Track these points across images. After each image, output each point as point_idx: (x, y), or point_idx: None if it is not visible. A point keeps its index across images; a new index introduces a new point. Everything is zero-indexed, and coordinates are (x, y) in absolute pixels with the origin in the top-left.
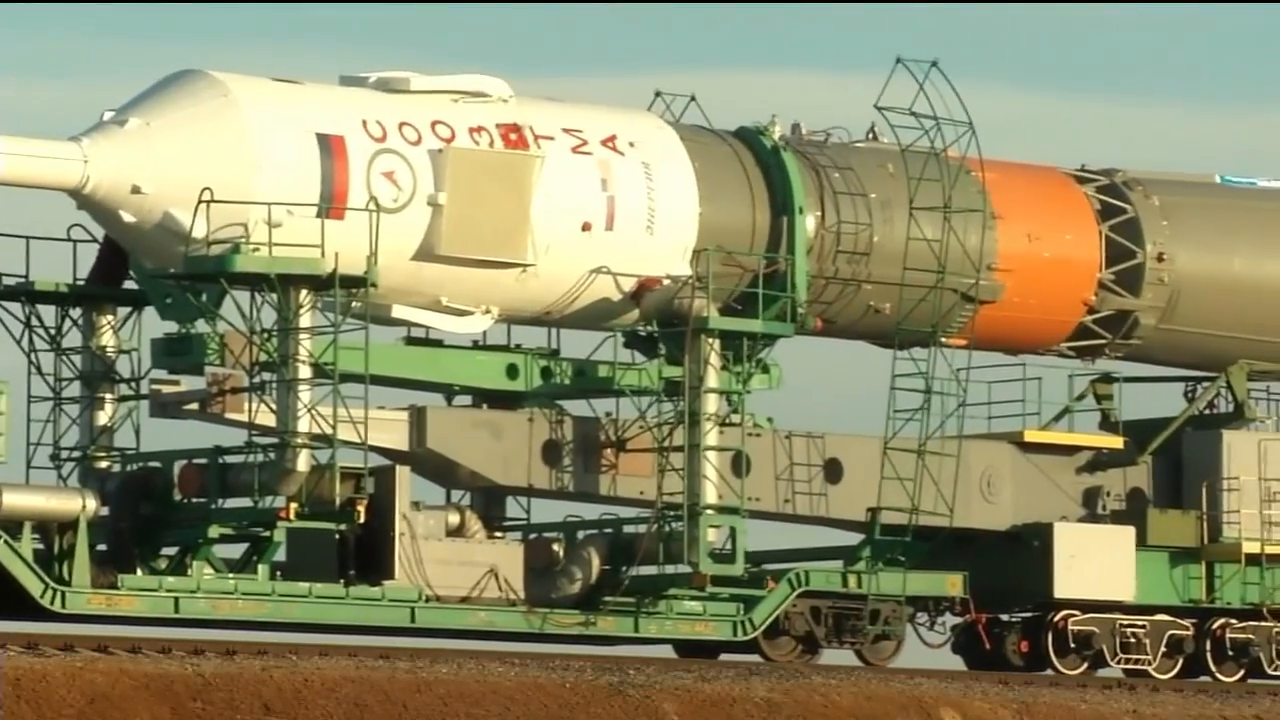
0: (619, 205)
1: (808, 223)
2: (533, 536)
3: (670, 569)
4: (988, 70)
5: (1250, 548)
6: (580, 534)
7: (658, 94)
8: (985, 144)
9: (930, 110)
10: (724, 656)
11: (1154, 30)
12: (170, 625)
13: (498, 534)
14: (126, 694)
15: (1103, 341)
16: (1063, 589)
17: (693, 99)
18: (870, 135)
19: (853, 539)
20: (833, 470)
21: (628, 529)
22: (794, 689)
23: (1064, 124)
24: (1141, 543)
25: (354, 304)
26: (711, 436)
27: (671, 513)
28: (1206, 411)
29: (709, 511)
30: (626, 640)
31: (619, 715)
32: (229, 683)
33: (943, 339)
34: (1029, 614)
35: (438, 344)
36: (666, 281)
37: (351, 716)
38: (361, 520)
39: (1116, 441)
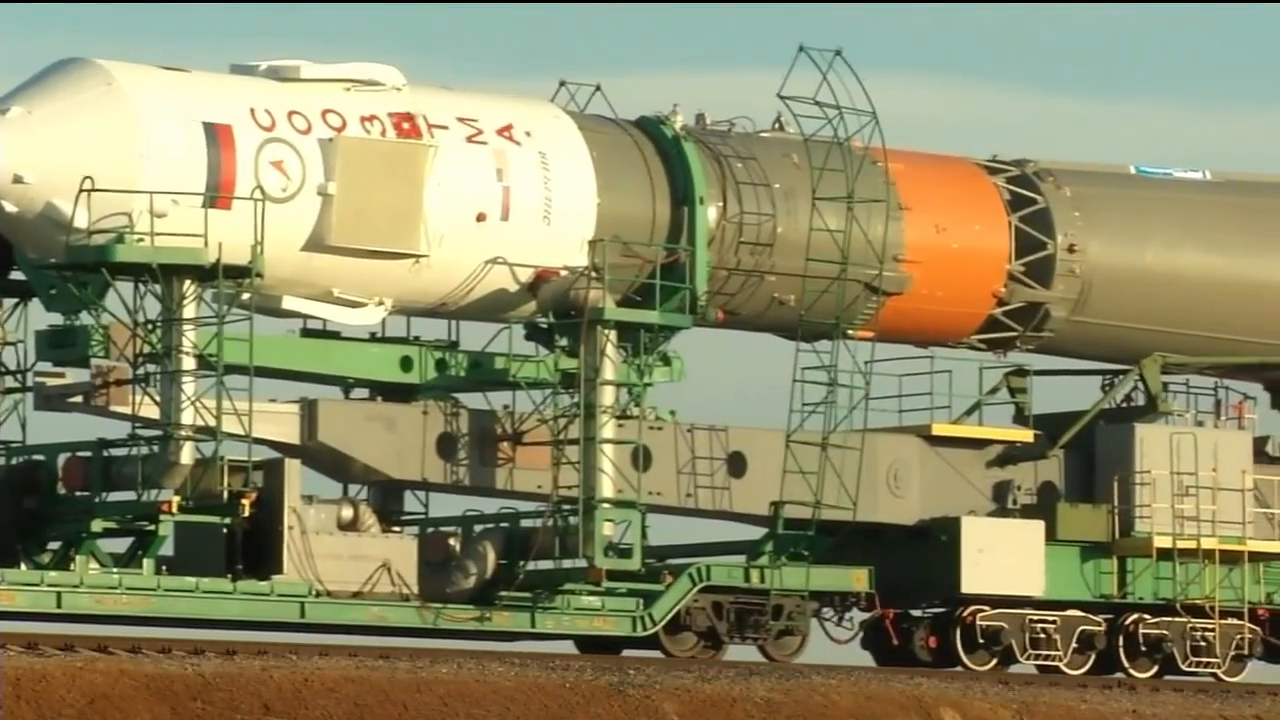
0: (514, 195)
1: (709, 213)
2: (429, 531)
3: (567, 564)
4: (942, 64)
5: (1162, 542)
6: (477, 528)
7: (562, 83)
8: (929, 140)
9: (834, 100)
10: (626, 653)
11: (1094, 24)
12: (56, 620)
13: (395, 529)
14: (126, 694)
15: (1013, 334)
16: (970, 584)
17: (598, 88)
18: (776, 125)
19: (758, 533)
20: (736, 464)
21: (525, 523)
22: (794, 689)
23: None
24: (1052, 537)
25: (244, 295)
26: (608, 429)
27: (567, 506)
28: (1125, 405)
29: (605, 505)
30: (523, 636)
31: (619, 715)
32: (229, 683)
33: (849, 331)
34: (939, 609)
35: (335, 336)
36: (564, 273)
37: (351, 716)
38: (246, 514)
39: (1027, 435)
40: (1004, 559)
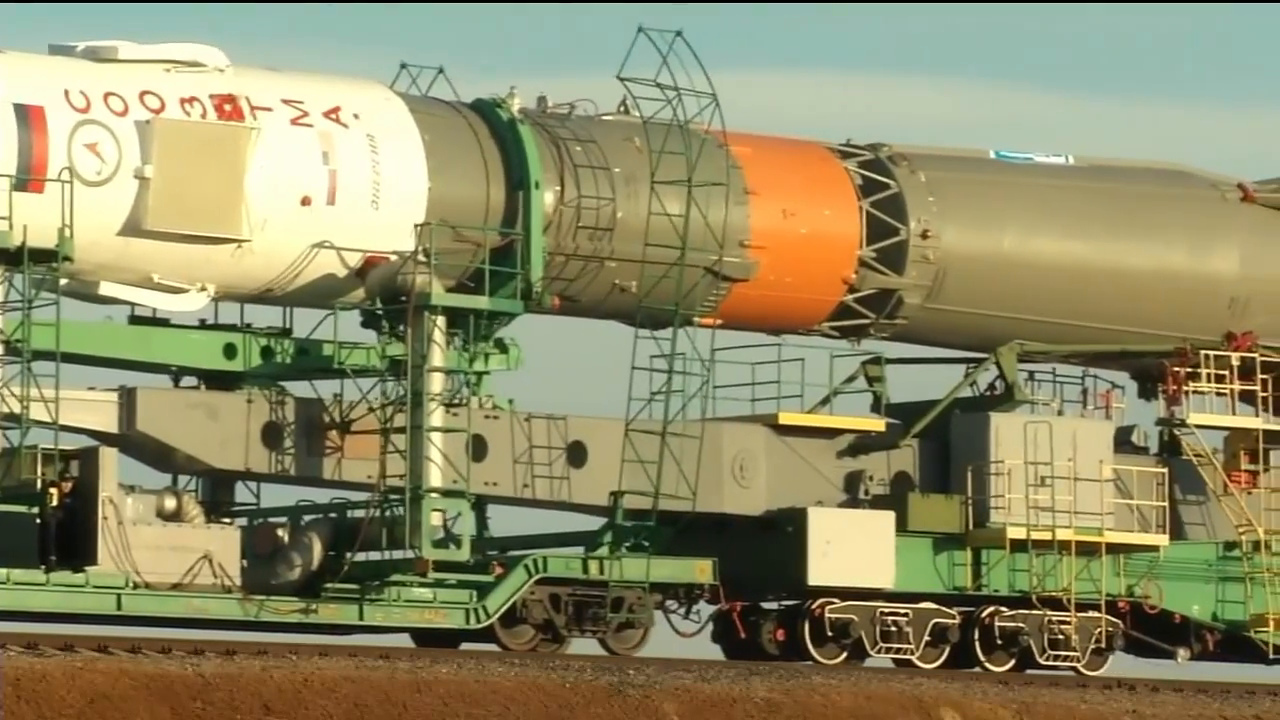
0: (341, 179)
1: (546, 198)
2: (258, 522)
3: (398, 554)
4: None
5: (1016, 533)
6: (305, 519)
7: (403, 66)
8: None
9: (674, 82)
10: (465, 645)
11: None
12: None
13: (225, 519)
14: (126, 694)
15: (866, 321)
16: (817, 576)
17: (440, 71)
18: (621, 109)
19: (601, 524)
20: (576, 454)
21: (353, 514)
22: (794, 689)
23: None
24: (903, 528)
25: (62, 280)
26: (436, 418)
27: (395, 497)
28: (988, 394)
29: (433, 496)
30: (352, 629)
31: (619, 715)
32: (229, 683)
33: (695, 318)
34: (791, 602)
35: (164, 323)
36: (394, 258)
37: (351, 716)
38: (57, 504)
39: (878, 424)
40: (853, 550)
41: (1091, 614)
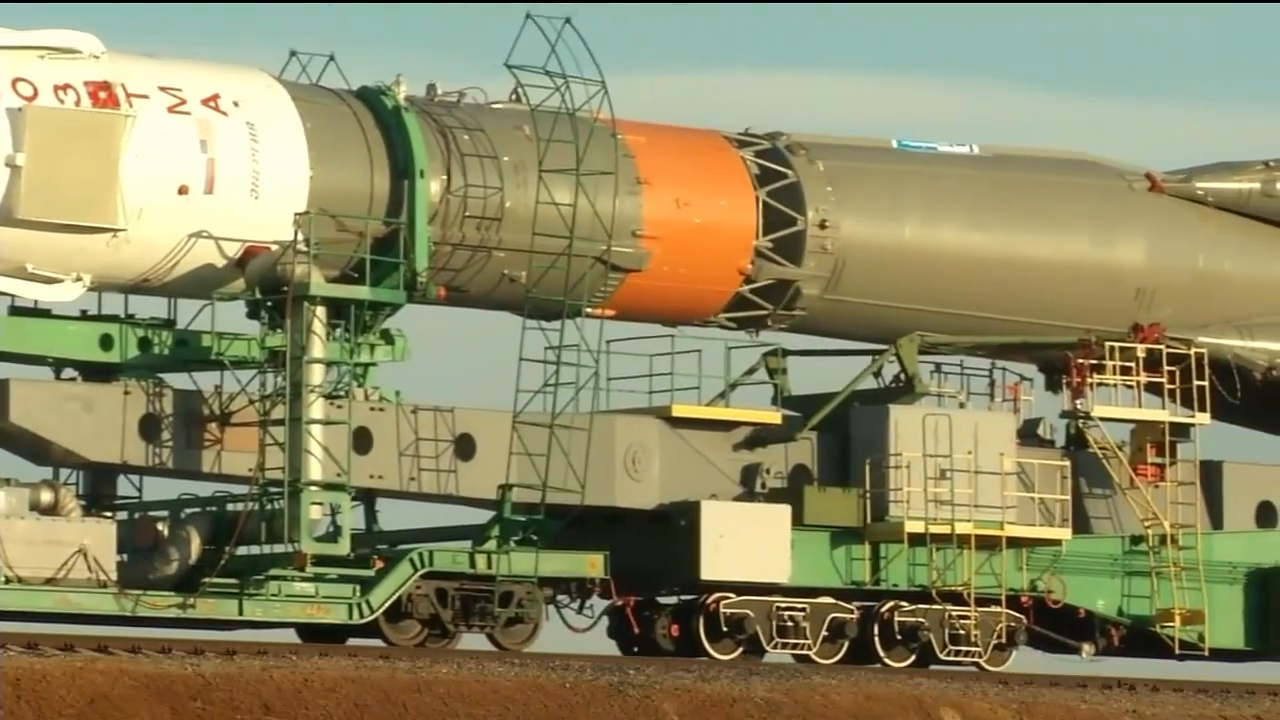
0: (220, 168)
1: (431, 187)
2: (138, 516)
3: (280, 549)
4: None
5: (914, 527)
6: (185, 513)
7: (293, 54)
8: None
9: (561, 69)
10: (352, 641)
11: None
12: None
13: (105, 513)
14: (126, 694)
15: (764, 312)
16: (710, 570)
17: (331, 59)
18: (514, 97)
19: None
20: (464, 446)
21: (232, 507)
22: (794, 689)
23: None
24: (799, 522)
25: None
26: (316, 409)
27: (274, 489)
28: (894, 385)
29: (312, 488)
30: (232, 624)
31: (619, 715)
32: (229, 683)
33: (588, 309)
34: (688, 597)
35: (45, 314)
36: (274, 248)
37: (351, 716)
38: None
39: (774, 416)
40: (747, 544)
41: (993, 609)
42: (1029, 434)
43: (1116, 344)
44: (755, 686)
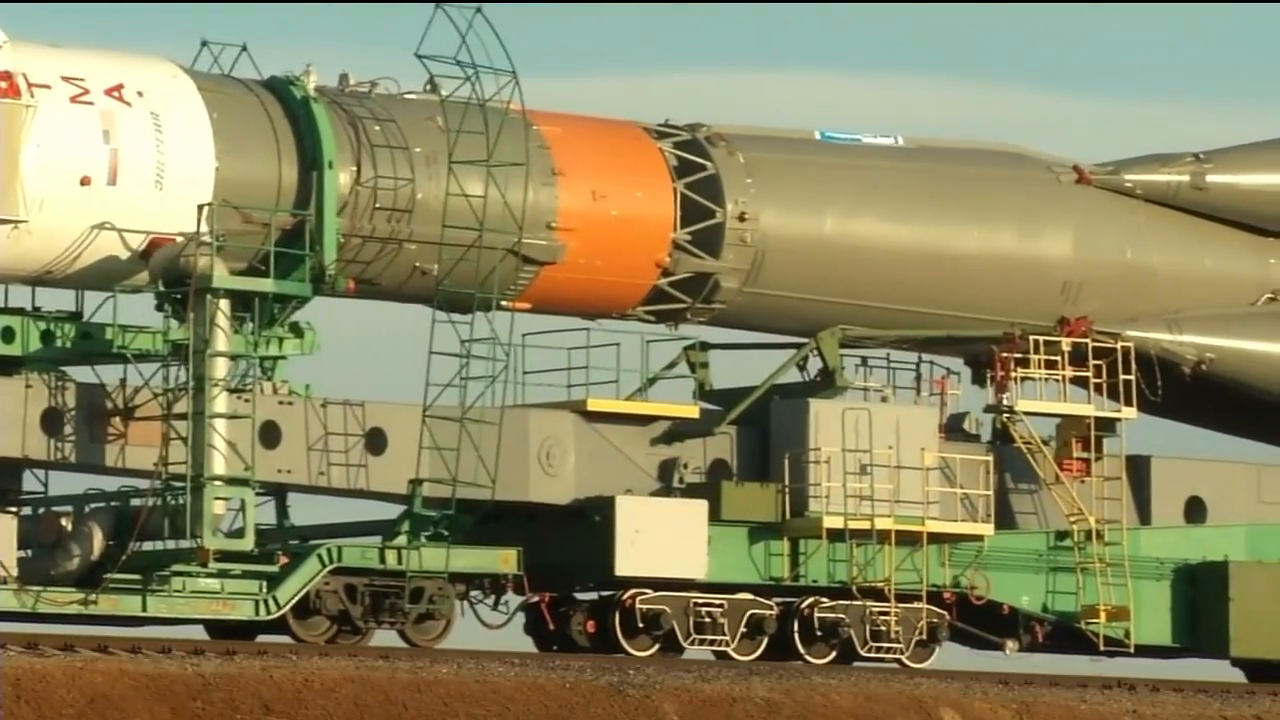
0: (123, 158)
1: (340, 178)
2: (42, 511)
3: (185, 544)
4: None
5: (832, 522)
6: (88, 508)
7: (204, 44)
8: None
9: (472, 59)
10: (260, 637)
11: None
12: None
13: (10, 509)
14: (126, 694)
15: (683, 305)
16: (625, 566)
17: (244, 49)
18: (428, 88)
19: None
20: (375, 440)
21: (135, 502)
22: (794, 689)
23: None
24: (717, 517)
25: None
26: (220, 403)
27: (178, 484)
28: (817, 379)
29: (216, 483)
30: (138, 621)
31: (619, 715)
32: (229, 683)
33: (504, 302)
34: (605, 593)
35: None
36: (179, 239)
37: (351, 716)
38: None
39: (692, 410)
40: (663, 540)
41: (915, 605)
42: (954, 428)
43: (1041, 338)
44: (755, 686)
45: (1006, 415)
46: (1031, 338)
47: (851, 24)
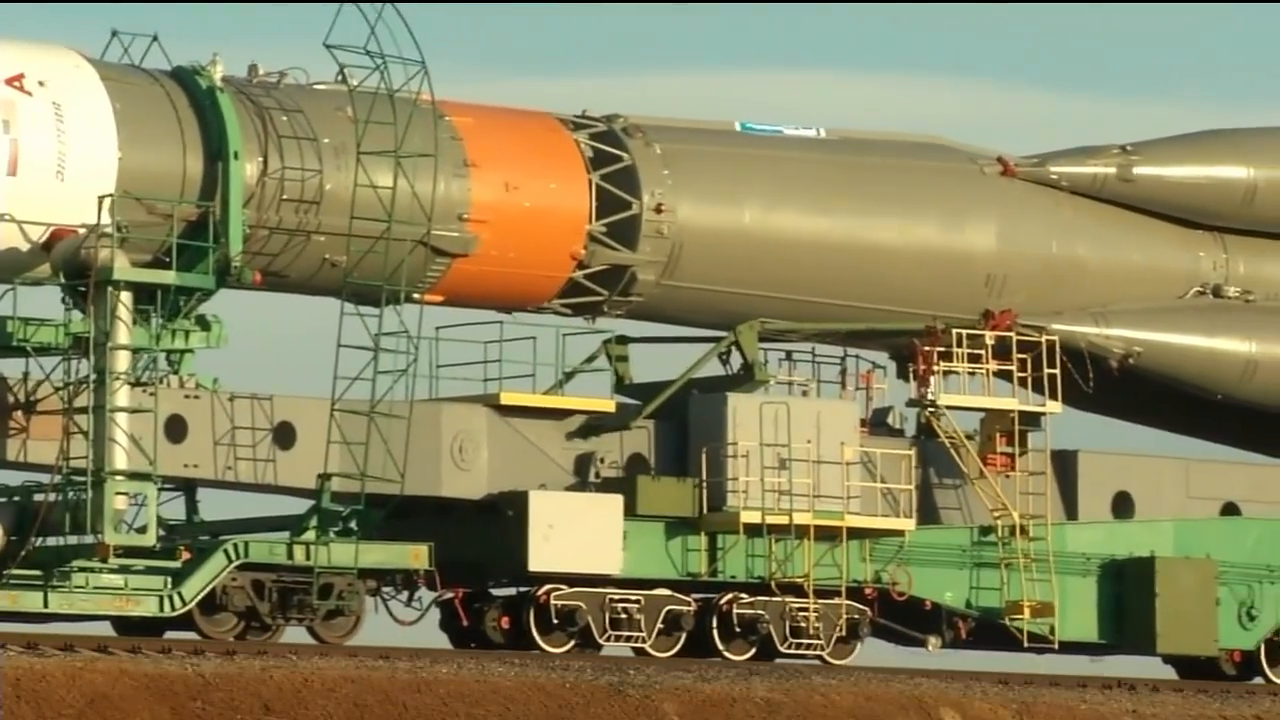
0: (24, 149)
1: (246, 169)
2: None
3: (87, 540)
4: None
5: (750, 517)
6: None
7: (115, 33)
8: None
9: (381, 49)
10: (169, 635)
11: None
12: None
13: None
14: (126, 694)
15: (599, 298)
16: (538, 562)
17: (155, 39)
18: (339, 79)
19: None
20: (284, 434)
21: (37, 497)
22: (794, 689)
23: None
24: (633, 512)
25: None
26: (122, 396)
27: (79, 479)
28: (740, 373)
29: (117, 478)
30: (40, 618)
31: (619, 715)
32: (229, 683)
33: (416, 295)
34: (521, 589)
35: None
36: (81, 231)
37: (351, 716)
38: None
39: (608, 404)
40: (577, 535)
41: (835, 601)
42: (879, 423)
43: (964, 331)
44: (755, 686)
45: (929, 409)
46: (954, 331)
47: (822, 22)
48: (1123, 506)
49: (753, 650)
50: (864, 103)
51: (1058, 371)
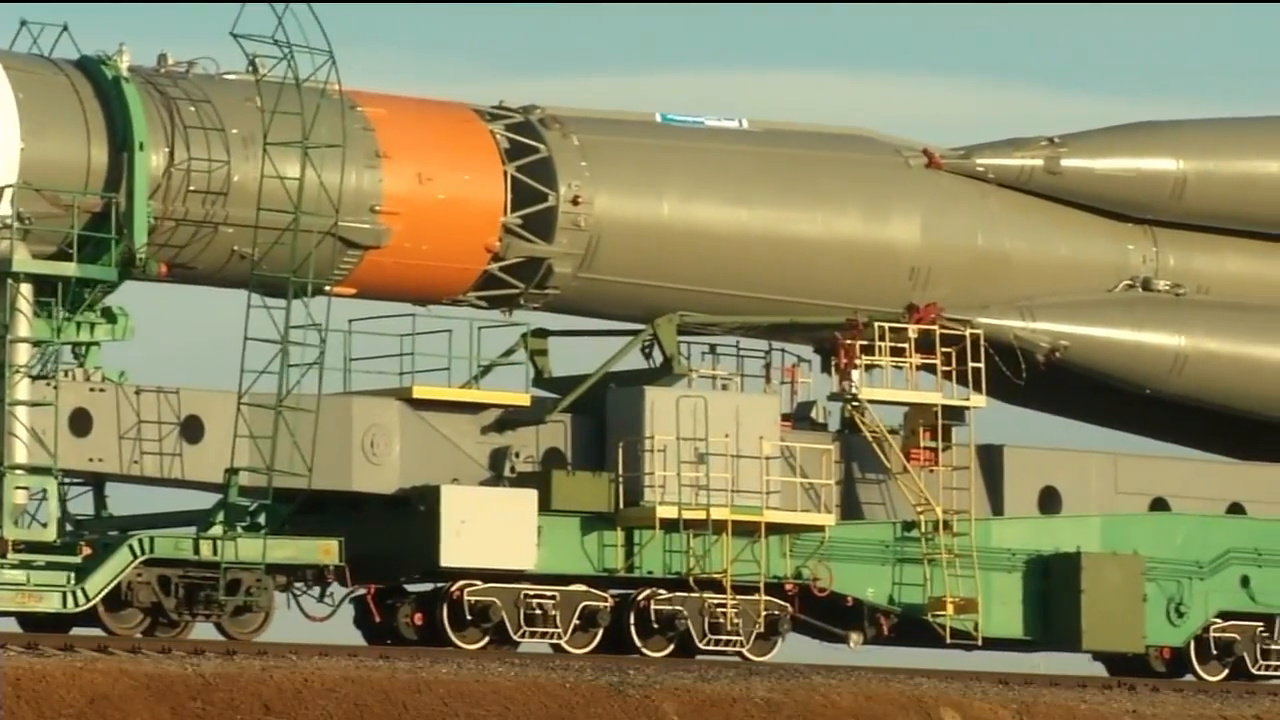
0: None
1: (152, 160)
2: None
3: None
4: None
5: (666, 512)
6: None
7: (23, 23)
8: None
9: (288, 39)
10: (74, 631)
11: None
12: None
13: None
14: (126, 694)
15: (515, 291)
16: (450, 557)
17: (65, 29)
18: (250, 68)
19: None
20: (191, 428)
21: None
22: (794, 689)
23: None
24: (548, 507)
25: None
26: (22, 390)
27: None
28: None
29: (17, 472)
30: None
31: (619, 715)
32: (229, 683)
33: (328, 288)
34: (436, 585)
35: None
36: None
37: (351, 716)
38: None
39: (523, 398)
40: (490, 530)
41: (754, 597)
42: (802, 417)
43: (887, 324)
44: (755, 686)
45: (851, 403)
46: (876, 324)
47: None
48: (1050, 502)
49: (671, 647)
50: (863, 102)
51: (982, 365)
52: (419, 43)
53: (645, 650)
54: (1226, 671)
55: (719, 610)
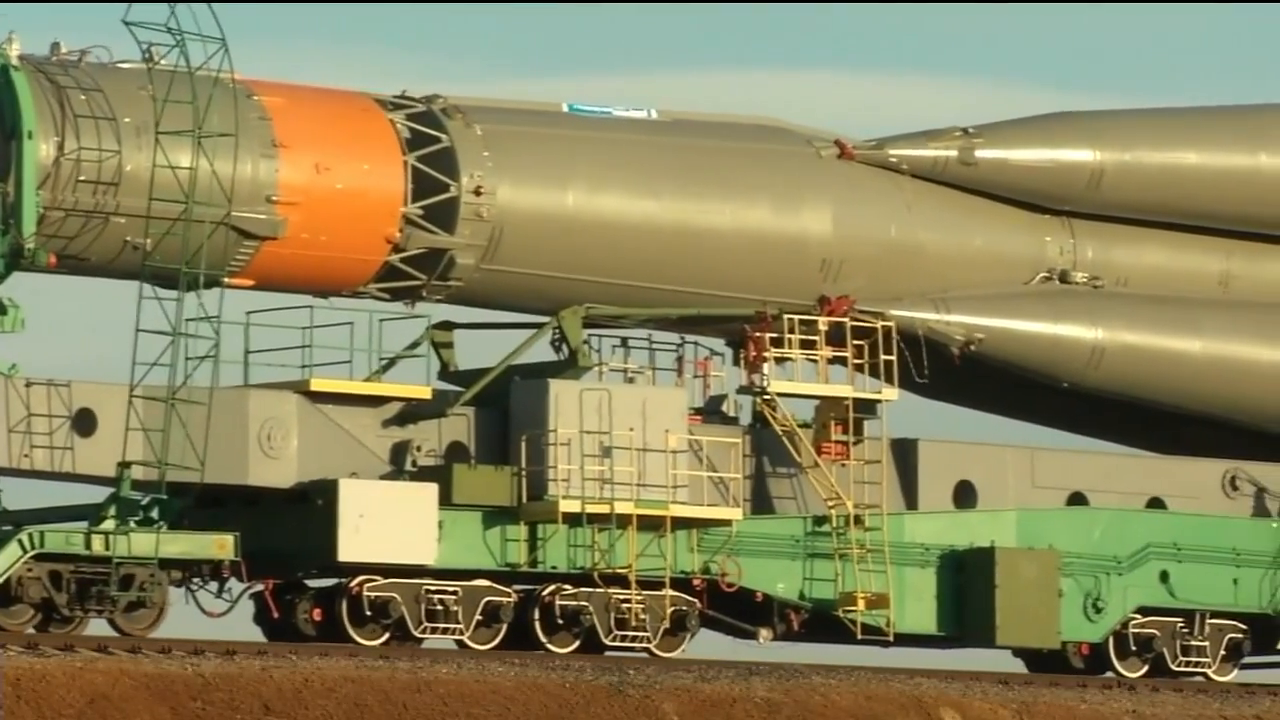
0: None
1: (41, 149)
2: None
3: None
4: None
5: (570, 507)
6: None
7: None
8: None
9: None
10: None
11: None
12: None
13: None
14: (126, 694)
15: (417, 283)
16: (348, 552)
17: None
18: (146, 57)
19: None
20: (83, 422)
21: None
22: (794, 689)
23: None
24: (449, 501)
25: None
26: None
27: None
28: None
29: None
30: None
31: (619, 715)
32: (229, 683)
33: (224, 279)
34: (335, 580)
35: None
36: None
37: (351, 716)
38: None
39: (424, 391)
40: (389, 525)
41: (660, 592)
42: (713, 411)
43: (797, 317)
44: (755, 686)
45: (761, 397)
46: (785, 317)
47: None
48: (965, 496)
49: (577, 643)
50: (863, 102)
51: (894, 358)
52: (418, 41)
53: (550, 646)
54: (1146, 668)
55: (624, 606)
